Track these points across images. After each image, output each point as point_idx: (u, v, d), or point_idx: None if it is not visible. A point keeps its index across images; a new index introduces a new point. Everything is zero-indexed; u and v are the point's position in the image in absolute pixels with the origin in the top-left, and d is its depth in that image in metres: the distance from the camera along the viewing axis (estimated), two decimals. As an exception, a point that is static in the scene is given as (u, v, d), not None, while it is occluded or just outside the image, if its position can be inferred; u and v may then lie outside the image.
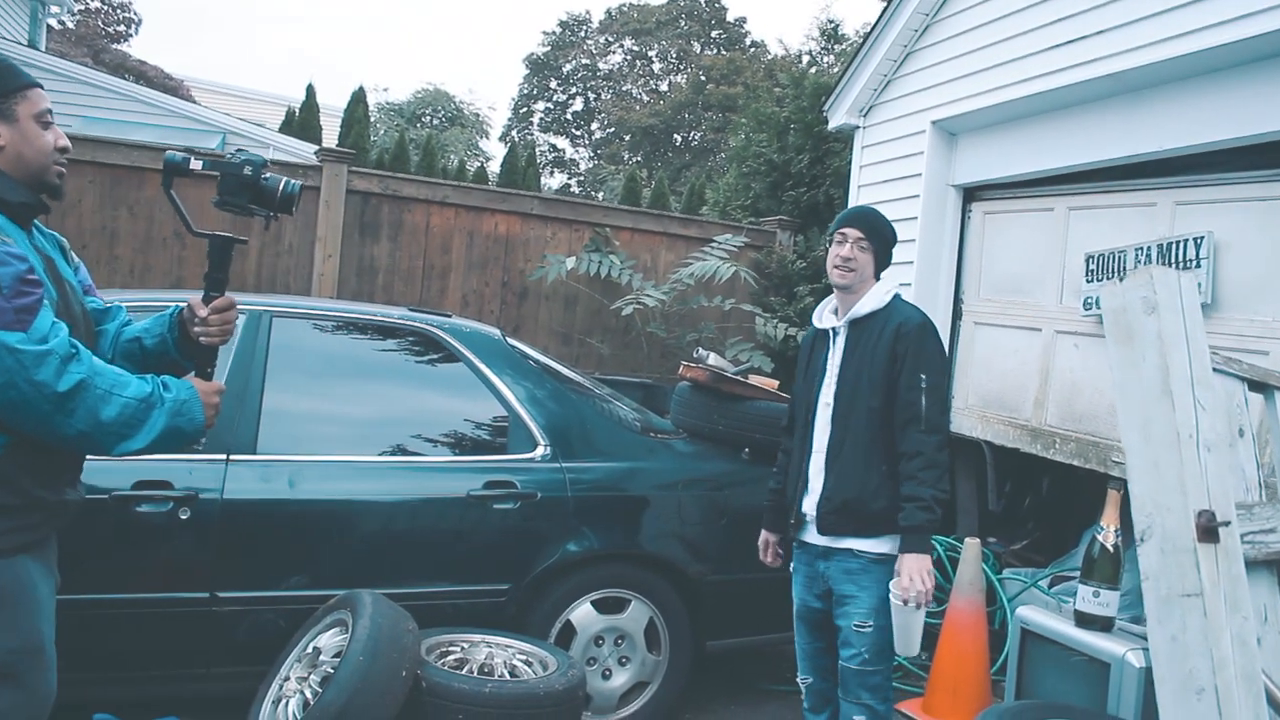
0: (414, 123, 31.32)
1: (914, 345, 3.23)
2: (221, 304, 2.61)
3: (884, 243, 3.40)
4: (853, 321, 3.36)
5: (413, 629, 3.53)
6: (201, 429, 2.51)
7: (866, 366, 3.28)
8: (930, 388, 3.20)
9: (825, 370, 3.42)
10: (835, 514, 3.29)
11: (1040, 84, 5.09)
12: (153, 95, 12.82)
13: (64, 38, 20.20)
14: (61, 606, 3.51)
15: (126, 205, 6.12)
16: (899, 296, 3.40)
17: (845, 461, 3.30)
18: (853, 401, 3.30)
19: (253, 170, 2.64)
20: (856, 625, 3.25)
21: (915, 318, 3.30)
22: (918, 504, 3.13)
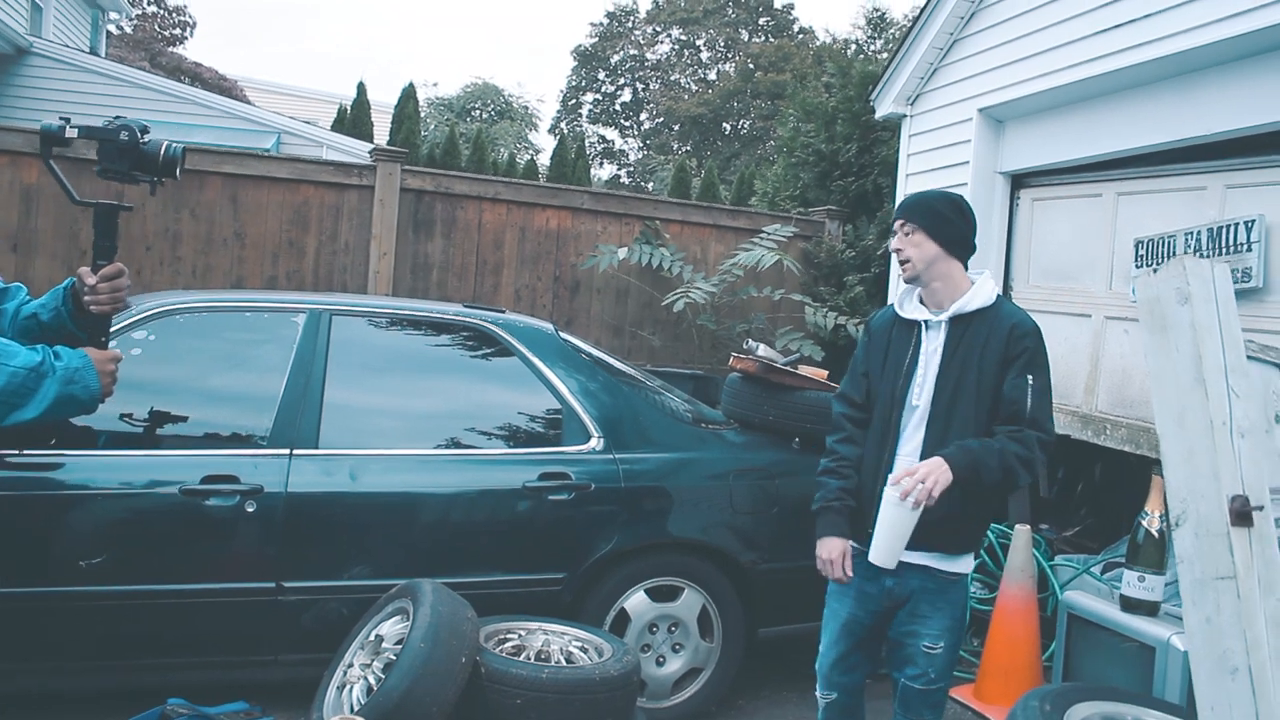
0: (464, 117, 31.59)
1: (1030, 349, 2.97)
2: (110, 271, 2.63)
3: (933, 215, 3.09)
4: (955, 317, 3.06)
5: (472, 617, 3.63)
6: (97, 396, 2.55)
7: (974, 369, 2.99)
8: (1037, 389, 2.95)
9: (917, 367, 3.09)
10: (926, 528, 2.92)
11: (1087, 69, 5.09)
12: (209, 98, 13.07)
13: (122, 42, 20.60)
14: (136, 596, 3.70)
15: (188, 208, 6.29)
16: (1003, 297, 3.14)
17: None
18: (953, 406, 3.00)
19: (129, 136, 2.62)
20: (927, 647, 3.05)
21: (1029, 322, 3.05)
22: (987, 443, 2.90)
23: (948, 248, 3.06)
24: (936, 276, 3.07)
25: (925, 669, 3.05)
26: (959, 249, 3.09)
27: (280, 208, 6.45)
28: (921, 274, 3.08)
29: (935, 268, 3.06)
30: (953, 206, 3.12)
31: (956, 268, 3.08)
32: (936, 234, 3.05)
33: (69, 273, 5.97)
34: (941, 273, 3.06)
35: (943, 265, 3.06)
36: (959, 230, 3.09)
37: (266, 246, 6.44)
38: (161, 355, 4.00)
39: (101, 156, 2.64)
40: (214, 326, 4.15)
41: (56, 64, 12.02)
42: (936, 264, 3.06)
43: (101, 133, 2.61)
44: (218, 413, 4.05)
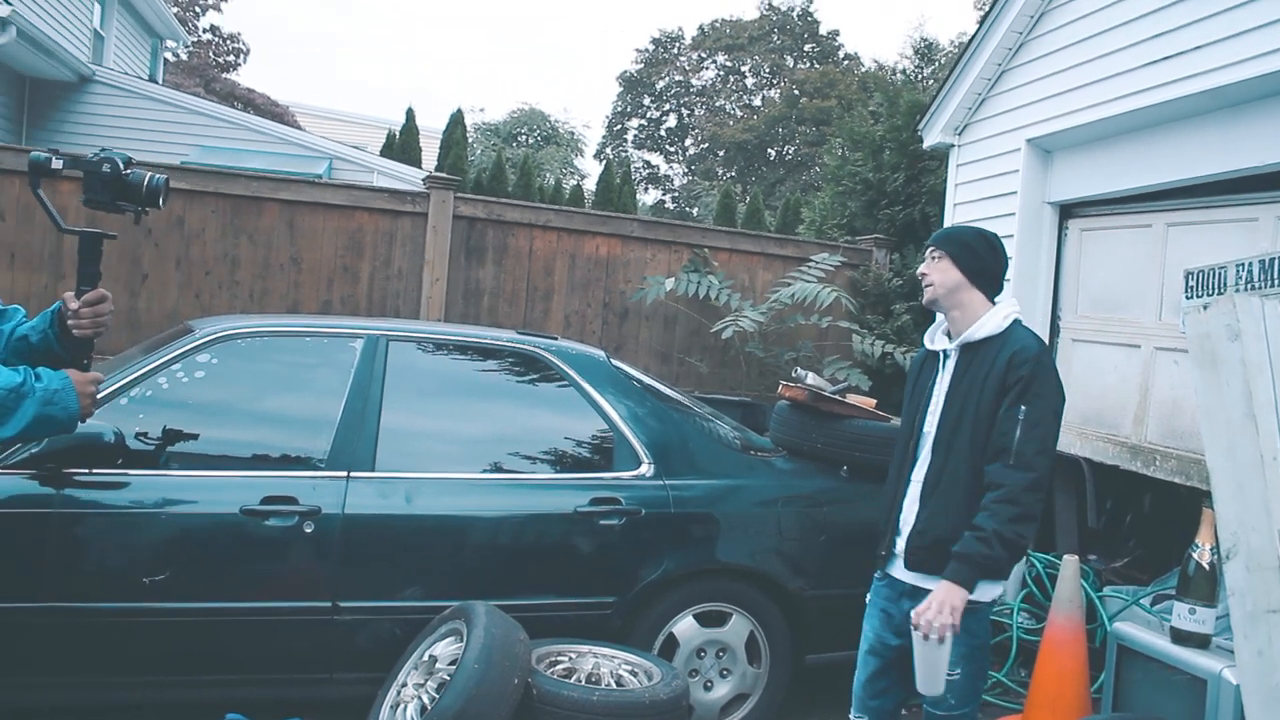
0: (510, 142, 31.86)
1: (1026, 376, 2.97)
2: (92, 297, 2.71)
3: (960, 246, 3.15)
4: (965, 345, 3.13)
5: (524, 639, 3.69)
6: (76, 416, 2.60)
7: (974, 395, 3.05)
8: (1029, 421, 2.94)
9: (931, 395, 3.20)
10: (926, 551, 3.08)
11: (1137, 100, 5.10)
12: (263, 124, 13.32)
13: (178, 69, 21.01)
14: (197, 613, 3.79)
15: (247, 233, 6.43)
16: (1020, 323, 3.15)
17: (942, 496, 3.09)
18: (955, 432, 3.08)
19: (111, 168, 2.69)
20: (945, 674, 3.02)
21: (1032, 347, 3.04)
22: (978, 535, 2.90)
23: (971, 277, 3.13)
24: (956, 304, 3.15)
25: (945, 695, 3.05)
26: (983, 281, 3.15)
27: (336, 234, 6.58)
28: (941, 298, 3.17)
29: (956, 295, 3.14)
30: (983, 240, 3.19)
31: (978, 298, 3.14)
32: (962, 263, 3.13)
33: (131, 296, 6.14)
34: (961, 301, 3.14)
35: (964, 294, 3.13)
36: (985, 263, 3.15)
37: (322, 271, 6.57)
38: (223, 378, 4.11)
39: (86, 187, 2.73)
40: (274, 351, 4.25)
41: (117, 91, 12.32)
42: (958, 292, 3.13)
43: (86, 164, 2.70)
44: (277, 435, 4.15)
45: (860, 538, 4.55)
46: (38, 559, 3.67)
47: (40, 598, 3.66)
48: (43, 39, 10.40)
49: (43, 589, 3.67)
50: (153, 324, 6.20)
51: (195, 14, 25.18)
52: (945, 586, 2.89)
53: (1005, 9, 6.06)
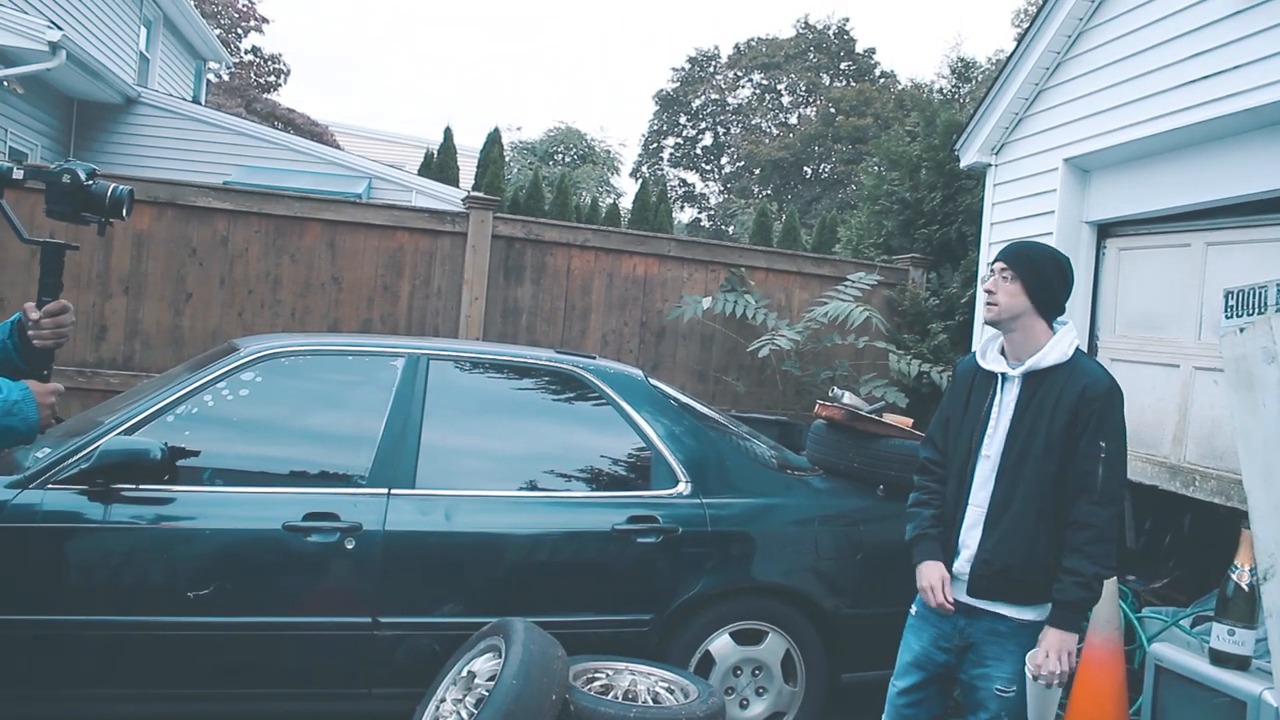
0: (547, 161, 32.01)
1: (1100, 410, 3.00)
2: (54, 308, 2.69)
3: (1034, 272, 3.12)
4: (1030, 373, 3.11)
5: (562, 655, 3.72)
6: (35, 427, 2.59)
7: (1043, 425, 3.04)
8: (1110, 457, 2.98)
9: (990, 419, 3.17)
10: (993, 578, 3.09)
11: (1175, 119, 5.09)
12: (304, 144, 13.48)
13: (219, 89, 21.29)
14: (240, 627, 3.85)
15: (289, 253, 6.52)
16: (1081, 351, 3.16)
17: (1010, 525, 3.08)
18: (1023, 461, 3.07)
19: (72, 179, 2.67)
20: (999, 690, 3.09)
21: (1103, 380, 3.07)
22: (1077, 580, 2.94)
23: (1038, 305, 3.11)
24: (1018, 328, 3.13)
25: (998, 712, 3.09)
26: (1049, 308, 3.14)
27: (376, 253, 6.66)
28: (1004, 321, 3.15)
29: (1020, 319, 3.12)
30: (1057, 268, 3.17)
31: (1040, 324, 3.13)
32: (1032, 289, 3.11)
33: (175, 315, 6.25)
34: (1024, 325, 3.12)
35: (1028, 319, 3.12)
36: (1055, 293, 3.15)
37: (362, 290, 6.65)
38: (267, 396, 4.18)
39: (48, 198, 2.71)
40: (317, 369, 4.32)
41: (161, 112, 12.52)
42: (1023, 316, 3.12)
43: (46, 175, 2.69)
44: (319, 452, 4.21)
45: (896, 557, 4.54)
46: (85, 573, 3.75)
47: (87, 611, 3.73)
48: (90, 62, 10.59)
49: (89, 603, 3.74)
50: (196, 342, 6.31)
51: (238, 35, 25.54)
52: (1057, 635, 2.95)
53: (1043, 29, 6.07)
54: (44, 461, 3.82)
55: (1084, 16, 5.85)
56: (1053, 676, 2.93)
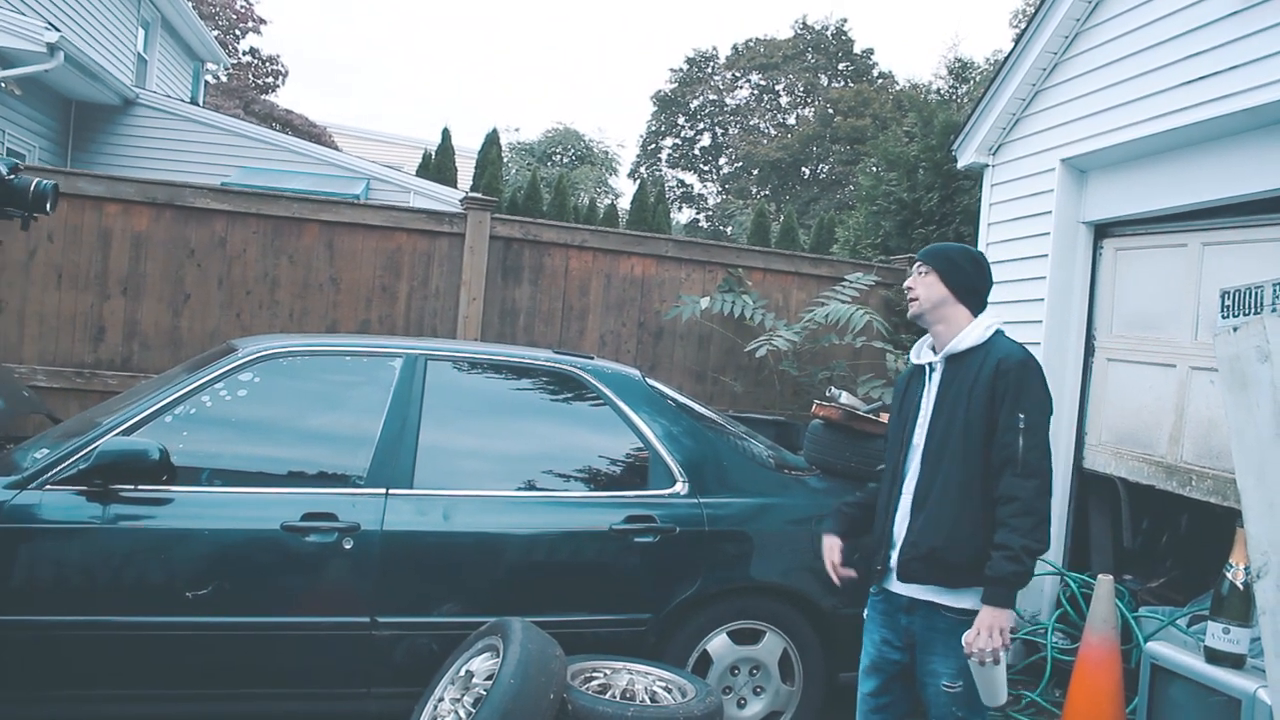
0: (545, 161, 32.04)
1: (1014, 382, 3.04)
2: None
3: (948, 263, 3.24)
4: (949, 357, 3.20)
5: (560, 655, 3.73)
6: None
7: (962, 405, 3.11)
8: (1029, 428, 3.01)
9: (920, 409, 3.27)
10: (919, 561, 3.13)
11: (1172, 120, 5.10)
12: (302, 145, 13.48)
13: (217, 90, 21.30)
14: (238, 627, 3.86)
15: (287, 254, 6.53)
16: (1001, 333, 3.22)
17: (933, 506, 3.13)
18: (944, 442, 3.13)
19: None
20: (945, 685, 3.11)
21: (1016, 354, 3.12)
22: (1005, 553, 2.95)
23: (956, 293, 3.22)
24: (940, 319, 3.24)
25: (947, 707, 3.12)
26: (969, 297, 3.24)
27: (374, 254, 6.67)
28: (926, 313, 3.25)
29: (940, 310, 3.23)
30: (969, 258, 3.30)
31: (962, 313, 3.22)
32: (948, 278, 3.22)
33: (174, 316, 6.25)
34: (945, 315, 3.22)
35: (948, 309, 3.22)
36: (970, 279, 3.25)
37: (360, 291, 6.66)
38: (265, 397, 4.18)
39: None
40: (315, 369, 4.32)
41: (159, 113, 12.52)
42: (942, 307, 3.23)
43: None
44: (318, 452, 4.22)
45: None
46: (83, 573, 3.75)
47: (85, 612, 3.74)
48: (88, 63, 10.59)
49: (88, 603, 3.75)
50: (194, 343, 6.31)
51: (236, 36, 25.55)
52: (989, 612, 2.94)
53: (1040, 29, 6.08)
54: (42, 462, 3.83)
55: (1081, 17, 5.86)
56: (984, 654, 2.92)
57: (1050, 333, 5.95)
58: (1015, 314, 6.30)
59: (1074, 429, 5.96)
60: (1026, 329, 6.13)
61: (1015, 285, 6.34)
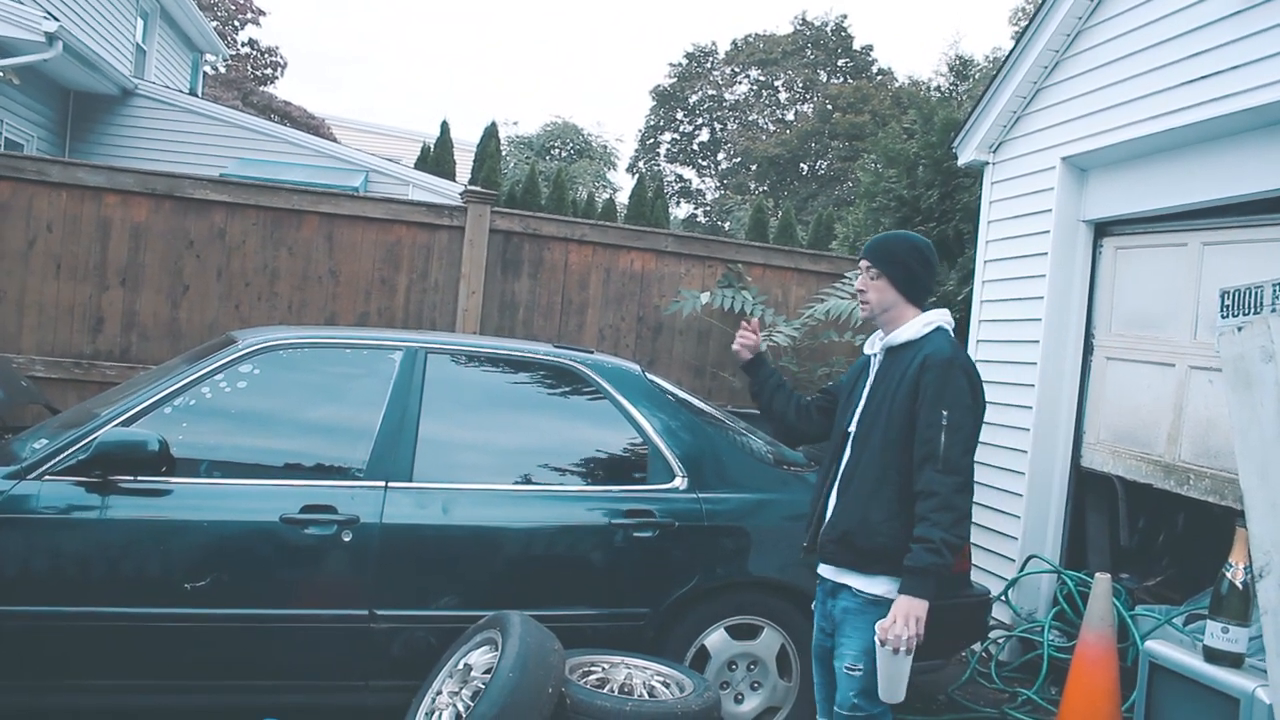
0: (543, 155, 31.99)
1: (936, 380, 3.07)
2: None
3: (898, 266, 3.26)
4: (889, 349, 3.27)
5: (558, 649, 3.73)
6: None
7: (890, 396, 3.16)
8: (951, 426, 3.03)
9: (860, 397, 3.33)
10: (835, 543, 3.20)
11: (1175, 119, 5.10)
12: (302, 137, 13.47)
13: (216, 81, 21.25)
14: (237, 619, 3.86)
15: (286, 245, 6.52)
16: (941, 329, 3.24)
17: (853, 491, 3.20)
18: (870, 431, 3.20)
19: None
20: (847, 668, 3.14)
21: (944, 351, 3.13)
22: (926, 546, 2.96)
23: (906, 294, 3.27)
24: (889, 320, 3.29)
25: (848, 691, 3.14)
26: (916, 295, 3.29)
27: (374, 246, 6.66)
28: (878, 316, 3.31)
29: (890, 313, 3.28)
30: (918, 256, 3.30)
31: (910, 310, 3.27)
32: (898, 283, 3.26)
33: (173, 307, 6.25)
34: (895, 315, 3.27)
35: (899, 310, 3.27)
36: (919, 279, 3.29)
37: (359, 284, 6.65)
38: (265, 389, 4.18)
39: None
40: (315, 362, 4.32)
41: (158, 104, 12.49)
42: (893, 308, 3.27)
43: None
44: (317, 445, 4.21)
45: (892, 553, 4.58)
46: (82, 564, 3.75)
47: (84, 603, 3.74)
48: (87, 53, 10.57)
49: (86, 594, 3.75)
50: (193, 334, 6.30)
51: (234, 28, 25.50)
52: (906, 601, 2.96)
53: (1041, 27, 6.08)
54: (42, 452, 3.82)
55: (1083, 15, 5.86)
56: (898, 641, 2.92)
57: (1049, 331, 5.95)
58: (1014, 312, 6.31)
59: (1072, 427, 5.97)
60: (1026, 327, 6.14)
61: (1015, 283, 6.35)
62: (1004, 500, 6.17)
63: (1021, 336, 6.19)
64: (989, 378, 6.44)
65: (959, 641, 5.06)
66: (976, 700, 5.26)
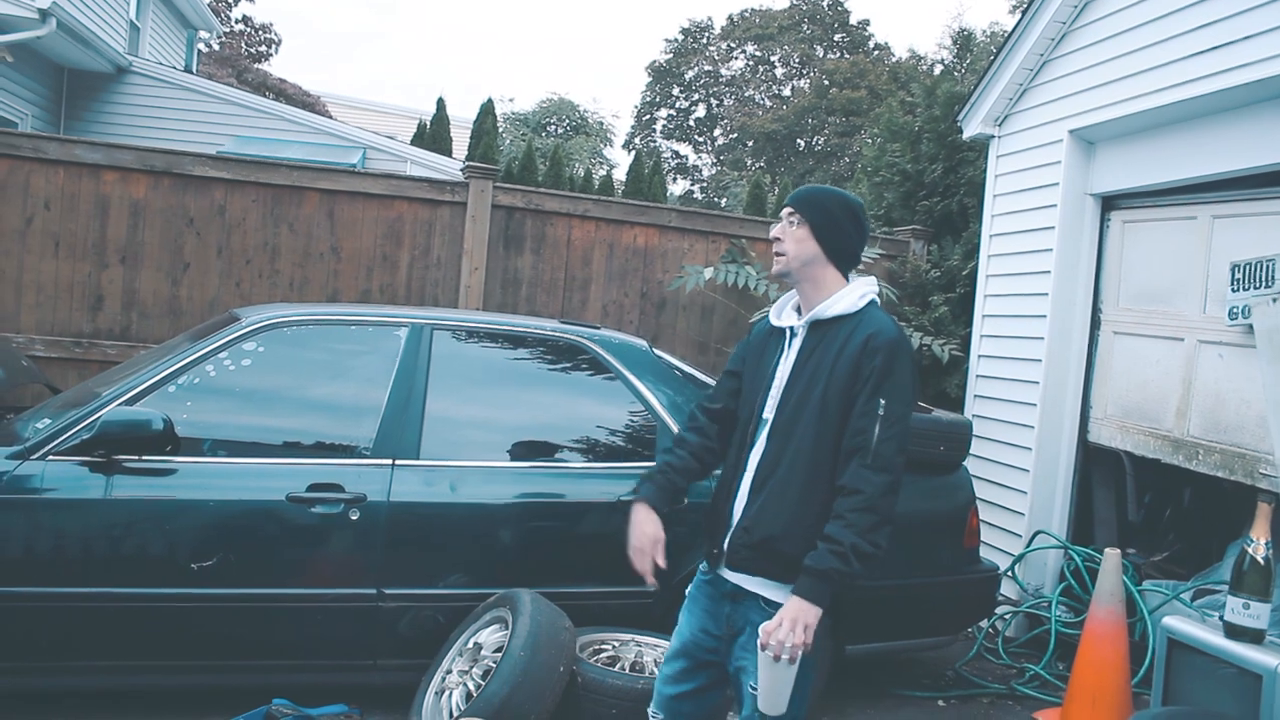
0: (539, 132, 31.86)
1: (882, 364, 2.64)
2: None
3: (823, 215, 2.81)
4: (814, 323, 2.80)
5: (569, 627, 3.72)
6: None
7: (822, 380, 2.70)
8: (888, 418, 2.62)
9: (774, 377, 2.83)
10: (750, 549, 2.72)
11: (1183, 91, 5.05)
12: (297, 114, 13.36)
13: (210, 59, 21.09)
14: (244, 599, 3.83)
15: (287, 222, 6.46)
16: (875, 304, 2.81)
17: (774, 489, 2.73)
18: (796, 418, 2.72)
19: None
20: (753, 687, 2.67)
21: (889, 331, 2.70)
22: (833, 548, 2.55)
23: (829, 253, 2.81)
24: (808, 278, 2.83)
25: (753, 713, 2.69)
26: (842, 258, 2.84)
27: (375, 223, 6.60)
28: (794, 271, 2.83)
29: (809, 269, 2.82)
30: (849, 213, 2.84)
31: (832, 274, 2.83)
32: (821, 235, 2.81)
33: (173, 285, 6.19)
34: (815, 275, 2.82)
35: (818, 269, 2.82)
36: (848, 239, 2.84)
37: (361, 260, 6.60)
38: (270, 366, 4.15)
39: None
40: (320, 339, 4.28)
41: (153, 81, 12.37)
42: (813, 265, 2.82)
43: None
44: (323, 423, 4.18)
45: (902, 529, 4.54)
46: (86, 545, 3.73)
47: (89, 583, 3.72)
48: (81, 30, 10.46)
49: (91, 575, 3.73)
50: (194, 312, 6.25)
51: (228, 5, 25.32)
52: (797, 603, 2.55)
53: (1048, 0, 6.02)
54: (45, 432, 3.79)
55: (1091, -14, 5.80)
56: (780, 648, 2.52)
57: (1056, 305, 5.92)
58: (1021, 287, 6.28)
59: (1079, 402, 5.94)
60: (1032, 301, 6.11)
61: (1021, 258, 6.31)
62: (1010, 476, 6.15)
63: (1028, 311, 6.16)
64: (994, 354, 6.46)
65: (966, 617, 5.06)
66: (984, 676, 5.25)
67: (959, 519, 4.68)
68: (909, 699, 4.91)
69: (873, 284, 2.84)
